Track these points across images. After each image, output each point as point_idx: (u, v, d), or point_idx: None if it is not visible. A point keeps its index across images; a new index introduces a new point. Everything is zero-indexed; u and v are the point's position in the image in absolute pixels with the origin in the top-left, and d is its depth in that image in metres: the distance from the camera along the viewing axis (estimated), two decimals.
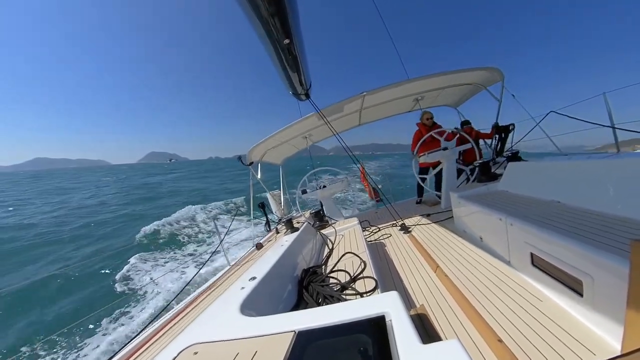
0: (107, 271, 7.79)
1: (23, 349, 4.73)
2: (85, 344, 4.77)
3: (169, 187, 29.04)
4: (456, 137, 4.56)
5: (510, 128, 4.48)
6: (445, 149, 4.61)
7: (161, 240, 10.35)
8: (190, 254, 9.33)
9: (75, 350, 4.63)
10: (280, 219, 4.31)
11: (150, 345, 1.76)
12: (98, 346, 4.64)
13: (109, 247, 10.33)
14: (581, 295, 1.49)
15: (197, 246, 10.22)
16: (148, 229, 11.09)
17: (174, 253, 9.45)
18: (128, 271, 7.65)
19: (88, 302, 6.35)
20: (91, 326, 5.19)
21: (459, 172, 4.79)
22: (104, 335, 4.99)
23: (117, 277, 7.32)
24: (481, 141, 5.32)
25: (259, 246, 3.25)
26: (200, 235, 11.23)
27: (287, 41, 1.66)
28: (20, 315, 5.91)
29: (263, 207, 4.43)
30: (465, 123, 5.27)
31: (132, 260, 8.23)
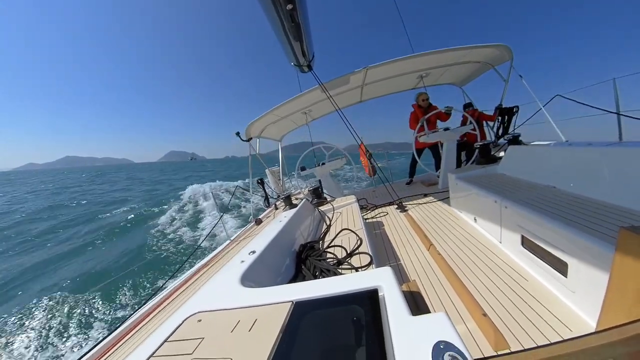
0: None
1: None
2: None
3: None
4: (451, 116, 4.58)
5: (514, 110, 4.40)
6: (446, 129, 4.57)
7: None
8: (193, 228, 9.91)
9: None
10: (279, 195, 4.35)
11: (155, 314, 1.85)
12: None
13: None
14: (565, 276, 1.57)
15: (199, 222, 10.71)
16: None
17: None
18: None
19: None
20: None
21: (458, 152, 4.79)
22: None
23: None
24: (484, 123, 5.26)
25: (258, 221, 3.32)
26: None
27: (290, 6, 1.58)
28: None
29: (262, 183, 4.45)
30: (468, 105, 5.18)
31: None
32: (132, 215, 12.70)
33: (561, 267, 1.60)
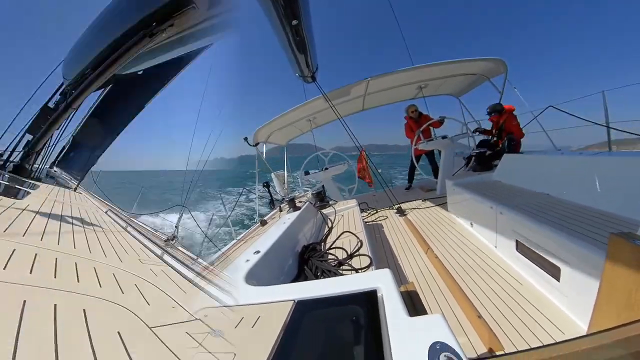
0: None
1: None
2: None
3: None
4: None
5: None
6: (444, 137, 4.66)
7: None
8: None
9: None
10: (283, 198, 4.40)
11: None
12: None
13: None
14: (558, 280, 1.61)
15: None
16: None
17: None
18: None
19: None
20: None
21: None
22: None
23: None
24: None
25: (263, 223, 3.36)
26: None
27: (295, 22, 1.65)
28: None
29: (267, 186, 4.51)
30: (496, 108, 4.34)
31: None
32: None
33: (554, 272, 1.64)
